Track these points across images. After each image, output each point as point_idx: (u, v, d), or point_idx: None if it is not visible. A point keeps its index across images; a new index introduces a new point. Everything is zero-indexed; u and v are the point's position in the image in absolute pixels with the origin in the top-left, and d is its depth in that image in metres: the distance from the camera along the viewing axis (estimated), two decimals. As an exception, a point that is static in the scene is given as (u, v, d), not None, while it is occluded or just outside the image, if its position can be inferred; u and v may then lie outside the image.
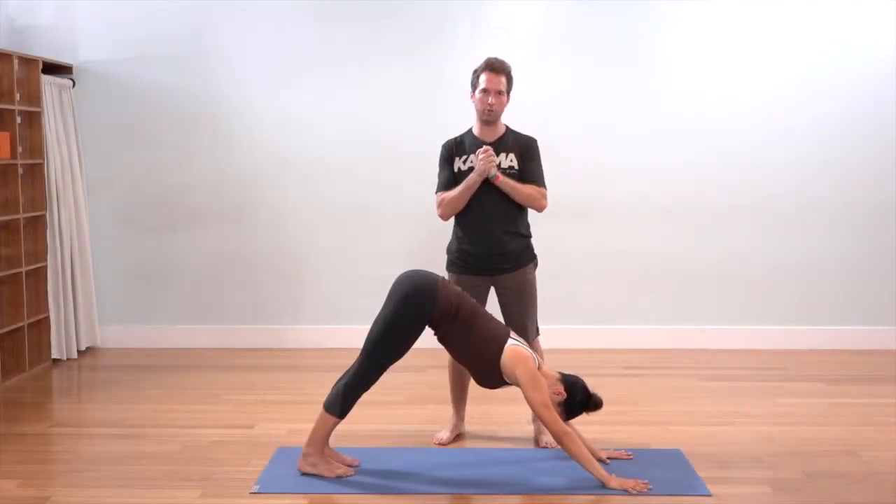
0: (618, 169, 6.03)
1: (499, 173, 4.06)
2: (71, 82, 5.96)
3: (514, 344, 3.70)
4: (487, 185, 4.07)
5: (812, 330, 6.10)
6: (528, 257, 4.21)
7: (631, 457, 3.96)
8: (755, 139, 6.02)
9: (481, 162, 4.00)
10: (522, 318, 4.12)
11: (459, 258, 4.19)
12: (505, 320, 4.15)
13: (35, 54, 5.69)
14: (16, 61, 5.43)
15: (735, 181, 6.04)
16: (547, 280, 5.97)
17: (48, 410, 4.94)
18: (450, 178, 4.17)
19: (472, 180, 4.05)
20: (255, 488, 3.63)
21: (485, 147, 4.05)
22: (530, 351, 3.74)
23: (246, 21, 6.01)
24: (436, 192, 4.23)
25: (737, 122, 6.01)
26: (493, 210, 4.08)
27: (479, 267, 4.14)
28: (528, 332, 4.14)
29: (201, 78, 6.06)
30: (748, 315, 6.13)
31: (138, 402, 4.90)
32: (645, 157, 6.02)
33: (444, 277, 3.84)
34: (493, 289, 4.21)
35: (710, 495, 3.57)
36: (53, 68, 5.85)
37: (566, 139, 6.00)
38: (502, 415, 4.61)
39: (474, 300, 3.85)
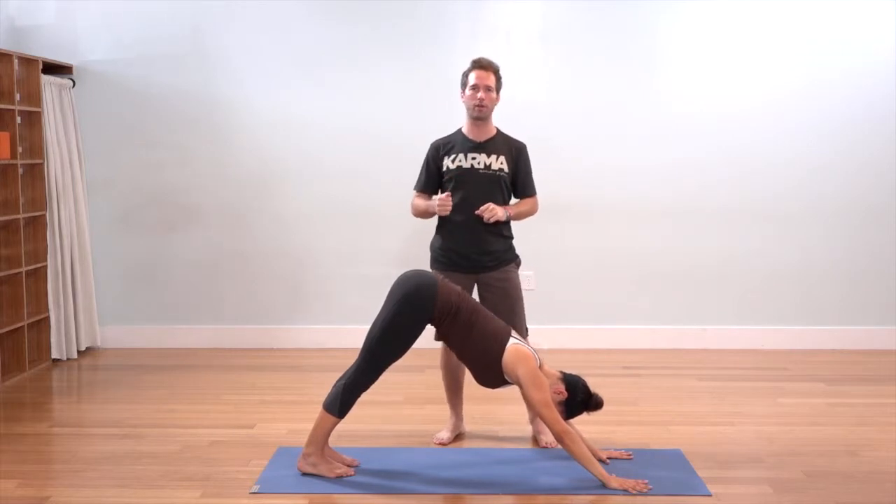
0: (618, 169, 6.03)
1: (510, 212, 4.14)
2: (71, 82, 5.96)
3: (515, 343, 3.71)
4: (473, 185, 4.12)
5: (812, 330, 6.10)
6: (510, 256, 4.23)
7: (631, 457, 3.96)
8: (755, 139, 6.02)
9: (438, 209, 4.12)
10: (511, 318, 4.11)
11: (444, 255, 4.21)
12: None
13: (35, 54, 5.69)
14: (16, 61, 5.43)
15: (735, 181, 6.04)
16: (547, 280, 6.03)
17: (48, 410, 4.94)
18: (428, 179, 4.27)
19: (430, 209, 4.19)
20: (255, 488, 3.63)
21: (447, 200, 4.10)
22: (532, 350, 3.74)
23: (246, 21, 6.01)
24: (413, 188, 4.34)
25: (737, 122, 6.01)
26: (477, 210, 4.08)
27: (462, 265, 4.16)
28: (519, 331, 4.14)
29: (201, 78, 6.06)
30: (748, 315, 6.13)
31: (138, 402, 4.90)
32: (645, 157, 6.02)
33: (443, 277, 3.84)
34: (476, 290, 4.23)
35: (710, 495, 3.57)
36: (53, 68, 5.85)
37: (566, 139, 6.00)
38: (502, 415, 4.61)
39: (475, 300, 3.85)
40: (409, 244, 5.97)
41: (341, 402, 3.70)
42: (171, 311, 6.21)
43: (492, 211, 4.05)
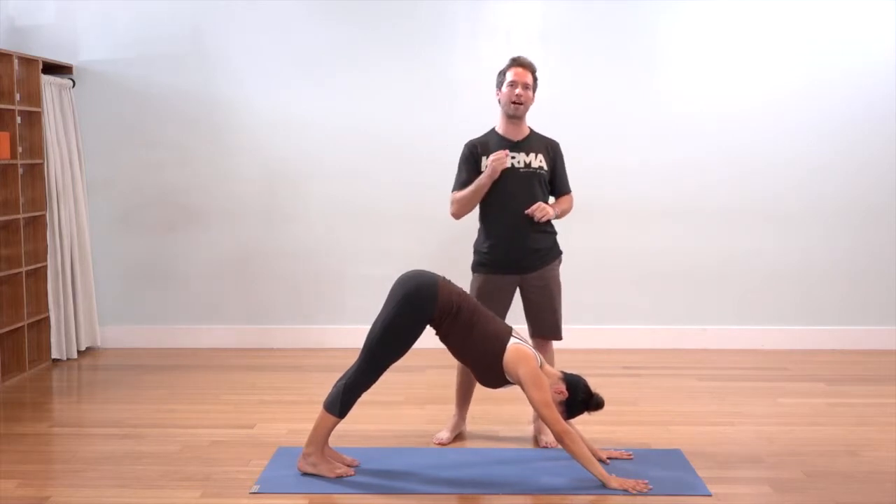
0: (618, 169, 6.03)
1: (556, 210, 4.13)
2: (71, 82, 5.96)
3: (516, 343, 3.70)
4: (516, 184, 4.08)
5: (812, 330, 6.10)
6: (555, 254, 4.22)
7: (631, 457, 3.96)
8: (755, 139, 6.02)
9: (493, 163, 4.01)
10: (554, 316, 4.15)
11: (489, 258, 4.15)
12: (534, 319, 4.18)
13: (35, 54, 5.69)
14: (16, 61, 5.43)
15: (735, 181, 6.04)
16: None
17: (48, 410, 4.94)
18: (470, 176, 4.13)
19: (482, 182, 4.06)
20: (255, 488, 3.63)
21: (501, 151, 4.03)
22: (532, 350, 3.74)
23: (246, 21, 6.01)
24: (452, 191, 4.22)
25: (737, 122, 6.01)
26: (522, 208, 4.07)
27: (508, 266, 4.12)
28: (560, 329, 4.16)
29: (201, 78, 6.06)
30: (748, 315, 6.13)
31: (138, 402, 4.90)
32: (645, 157, 6.02)
33: (444, 277, 3.83)
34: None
35: (710, 495, 3.57)
36: (53, 68, 5.85)
37: (566, 139, 5.89)
38: (503, 415, 4.61)
39: (475, 300, 3.86)
40: (410, 244, 5.97)
41: (342, 402, 3.70)
42: (171, 311, 6.21)
43: (543, 210, 4.04)
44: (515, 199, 4.07)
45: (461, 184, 4.17)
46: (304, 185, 6.10)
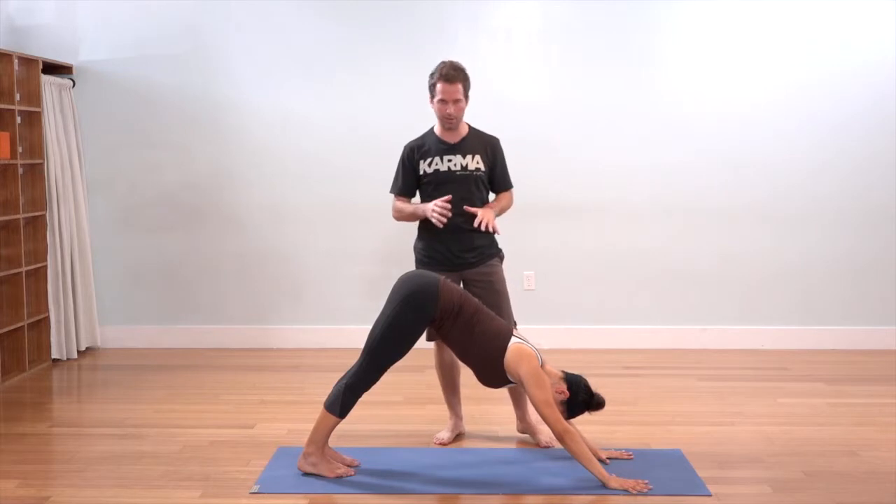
0: (618, 169, 6.03)
1: (495, 210, 4.15)
2: (71, 82, 5.96)
3: (517, 342, 3.70)
4: (452, 187, 4.13)
5: (812, 330, 6.10)
6: (493, 251, 4.24)
7: (631, 457, 3.96)
8: (755, 139, 6.02)
9: (433, 215, 4.05)
10: (497, 312, 4.12)
11: (426, 255, 4.22)
12: None
13: (35, 54, 5.69)
14: (16, 61, 5.44)
15: (735, 181, 6.04)
16: (547, 280, 6.04)
17: (48, 410, 4.94)
18: (406, 182, 4.24)
19: (418, 214, 4.18)
20: (255, 488, 3.63)
21: (445, 211, 4.05)
22: (534, 349, 3.74)
23: (246, 21, 6.02)
24: (390, 191, 4.32)
25: (737, 122, 6.01)
26: (459, 210, 4.10)
27: (445, 263, 4.15)
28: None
29: (201, 78, 6.06)
30: (748, 315, 6.13)
31: (138, 402, 4.90)
32: (645, 157, 6.02)
33: (445, 277, 3.83)
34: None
35: (710, 495, 3.56)
36: (53, 68, 5.85)
37: (566, 139, 6.00)
38: (502, 415, 4.60)
39: (477, 300, 3.85)
40: (409, 244, 5.95)
41: (342, 402, 3.70)
42: (171, 311, 6.21)
43: (487, 219, 4.04)
44: (452, 201, 4.09)
45: (398, 188, 4.28)
46: (304, 185, 6.10)
